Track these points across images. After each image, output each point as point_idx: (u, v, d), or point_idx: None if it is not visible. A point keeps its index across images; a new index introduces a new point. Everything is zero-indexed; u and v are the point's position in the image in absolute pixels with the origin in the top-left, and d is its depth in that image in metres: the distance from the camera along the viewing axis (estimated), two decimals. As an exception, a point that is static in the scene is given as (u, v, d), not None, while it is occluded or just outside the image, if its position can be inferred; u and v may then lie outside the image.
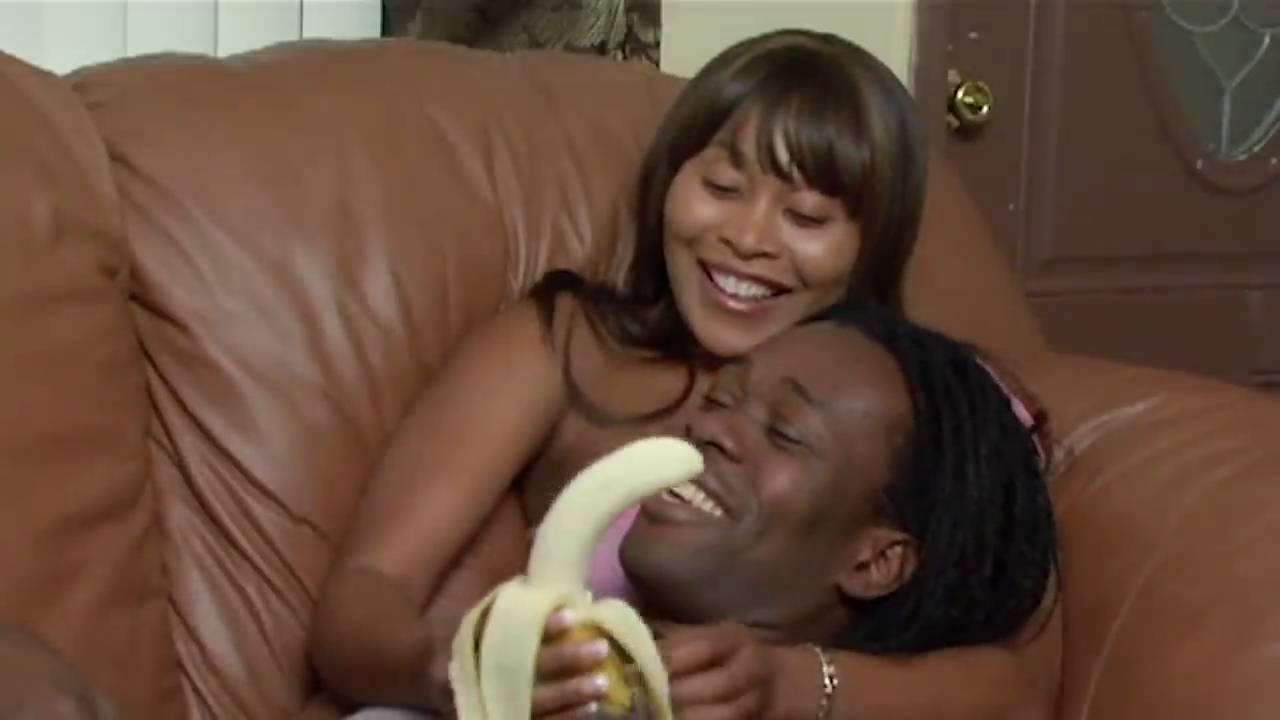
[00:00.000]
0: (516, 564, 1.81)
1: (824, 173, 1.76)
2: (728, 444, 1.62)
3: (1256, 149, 3.03)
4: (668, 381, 1.84)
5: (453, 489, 1.78)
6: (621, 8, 2.33)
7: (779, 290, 1.79)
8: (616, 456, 1.39)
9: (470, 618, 1.37)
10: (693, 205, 1.80)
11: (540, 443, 1.84)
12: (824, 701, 1.58)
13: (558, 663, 1.36)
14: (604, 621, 1.37)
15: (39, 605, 1.68)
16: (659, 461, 1.39)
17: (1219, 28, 2.98)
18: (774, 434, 1.62)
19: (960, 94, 2.75)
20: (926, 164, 1.86)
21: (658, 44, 2.36)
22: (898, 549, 1.63)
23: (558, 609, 1.36)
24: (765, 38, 1.85)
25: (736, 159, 1.78)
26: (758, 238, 1.77)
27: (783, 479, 1.61)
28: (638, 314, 1.87)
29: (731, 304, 1.79)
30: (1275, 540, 1.72)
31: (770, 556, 1.61)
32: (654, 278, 1.86)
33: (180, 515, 1.85)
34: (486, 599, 1.38)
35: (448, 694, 1.39)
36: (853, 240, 1.79)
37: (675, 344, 1.85)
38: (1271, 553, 1.71)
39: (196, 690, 1.84)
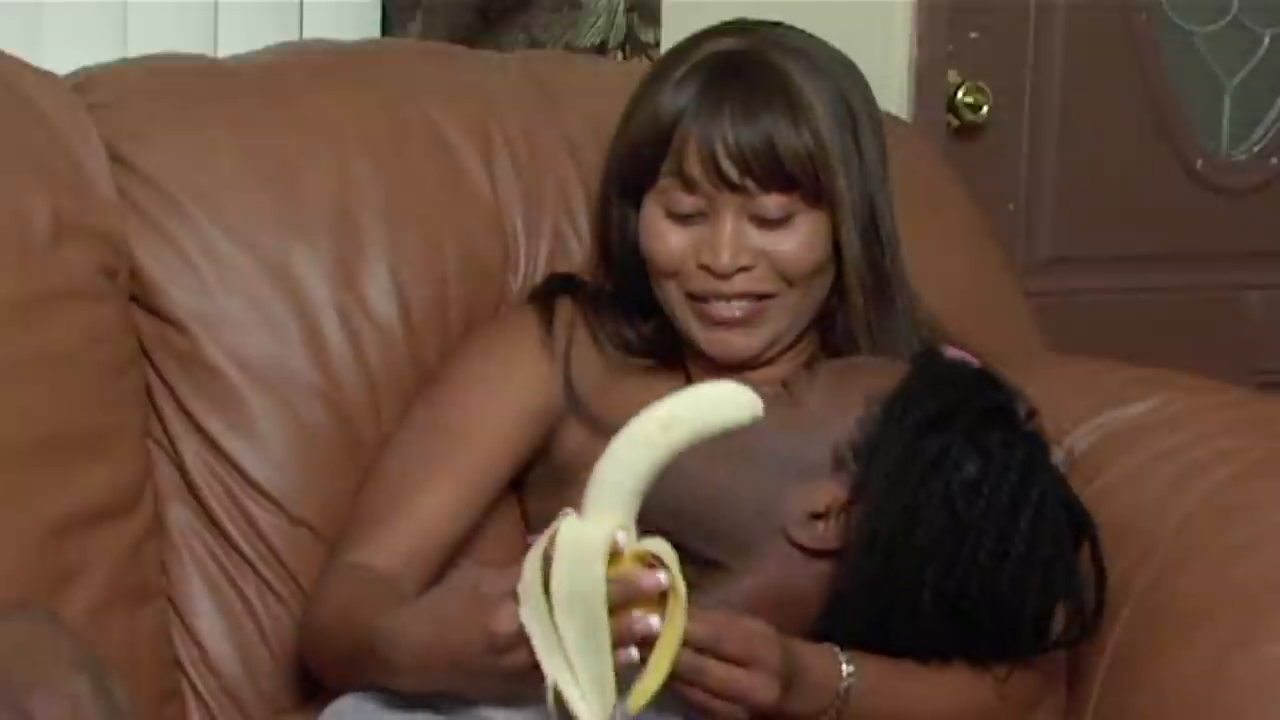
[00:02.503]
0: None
1: (773, 172, 1.74)
2: None
3: (1256, 149, 3.03)
4: (665, 390, 1.82)
5: (447, 489, 1.78)
6: (621, 8, 2.33)
7: (766, 296, 1.79)
8: (680, 397, 1.41)
9: (533, 560, 1.38)
10: (664, 239, 1.79)
11: (537, 446, 1.84)
12: (836, 702, 1.58)
13: (624, 593, 1.38)
14: (657, 551, 1.39)
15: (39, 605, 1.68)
16: (722, 403, 1.40)
17: (1219, 28, 2.98)
18: None
19: (960, 94, 2.75)
20: (879, 125, 1.83)
21: (658, 44, 2.36)
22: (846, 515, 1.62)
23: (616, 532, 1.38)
24: (688, 44, 1.83)
25: (688, 185, 1.76)
26: (732, 255, 1.76)
27: None
28: (635, 323, 1.86)
29: (725, 315, 1.79)
30: (1276, 541, 1.72)
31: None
32: (642, 301, 1.84)
33: (180, 516, 1.85)
34: (543, 541, 1.39)
35: (507, 647, 1.39)
36: (823, 226, 1.78)
37: (672, 353, 1.85)
38: (1272, 553, 1.71)
39: (196, 690, 1.84)
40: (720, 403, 1.41)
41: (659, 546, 1.41)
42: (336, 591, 1.71)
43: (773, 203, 1.76)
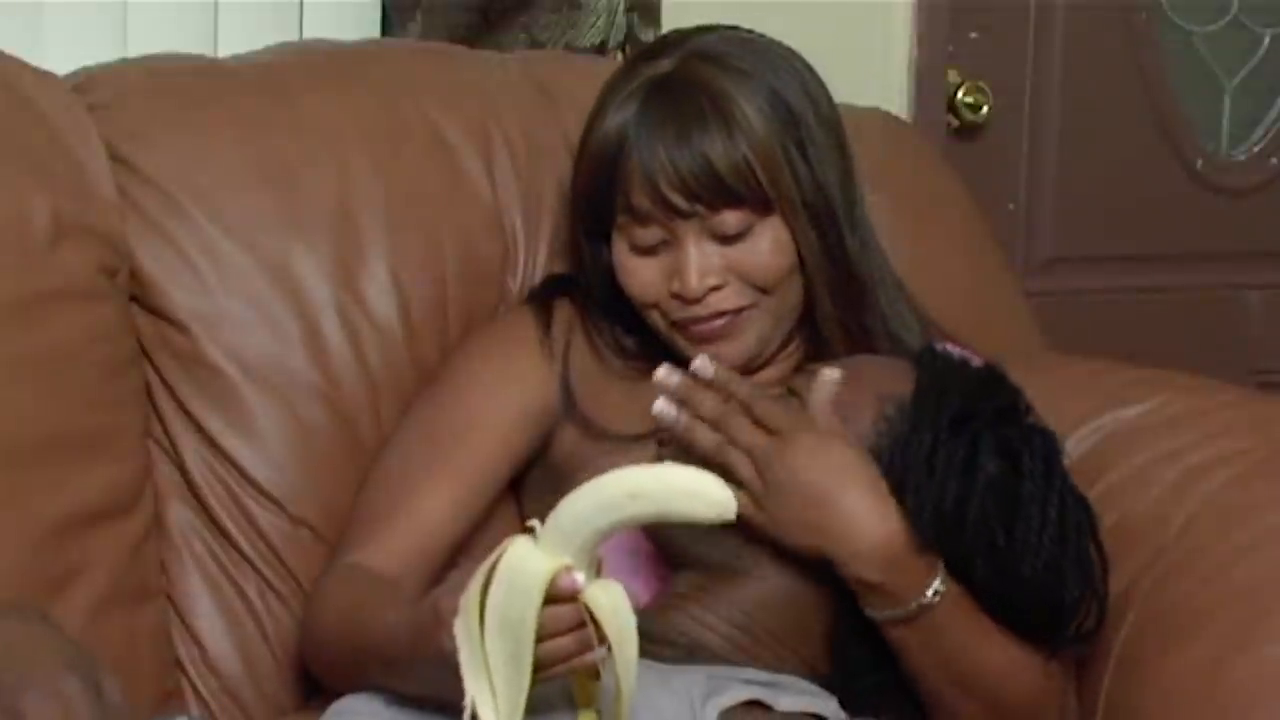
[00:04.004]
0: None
1: (718, 190, 1.73)
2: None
3: (1256, 149, 3.03)
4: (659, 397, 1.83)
5: (447, 489, 1.78)
6: (621, 8, 2.33)
7: (743, 309, 1.79)
8: (658, 472, 1.39)
9: (479, 575, 1.38)
10: (637, 275, 1.79)
11: (536, 447, 1.84)
12: (915, 607, 1.60)
13: (555, 624, 1.37)
14: (592, 604, 1.38)
15: (39, 605, 1.67)
16: (693, 497, 1.38)
17: (1219, 28, 2.98)
18: None
19: (960, 94, 2.75)
20: (831, 119, 1.81)
21: (658, 44, 2.35)
22: None
23: (564, 570, 1.37)
24: (627, 69, 1.83)
25: (643, 219, 1.76)
26: (699, 278, 1.75)
27: None
28: (630, 329, 1.86)
29: (708, 332, 1.78)
30: (1277, 542, 1.72)
31: None
32: (634, 312, 1.84)
33: (180, 516, 1.85)
34: (494, 554, 1.38)
35: (454, 663, 1.39)
36: (782, 231, 1.76)
37: (667, 359, 1.84)
38: (1273, 554, 1.70)
39: (196, 690, 1.84)
40: (693, 496, 1.38)
41: (613, 594, 1.40)
42: (337, 594, 1.71)
43: (730, 219, 1.75)
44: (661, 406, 1.62)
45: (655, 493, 1.38)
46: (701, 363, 1.64)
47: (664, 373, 1.65)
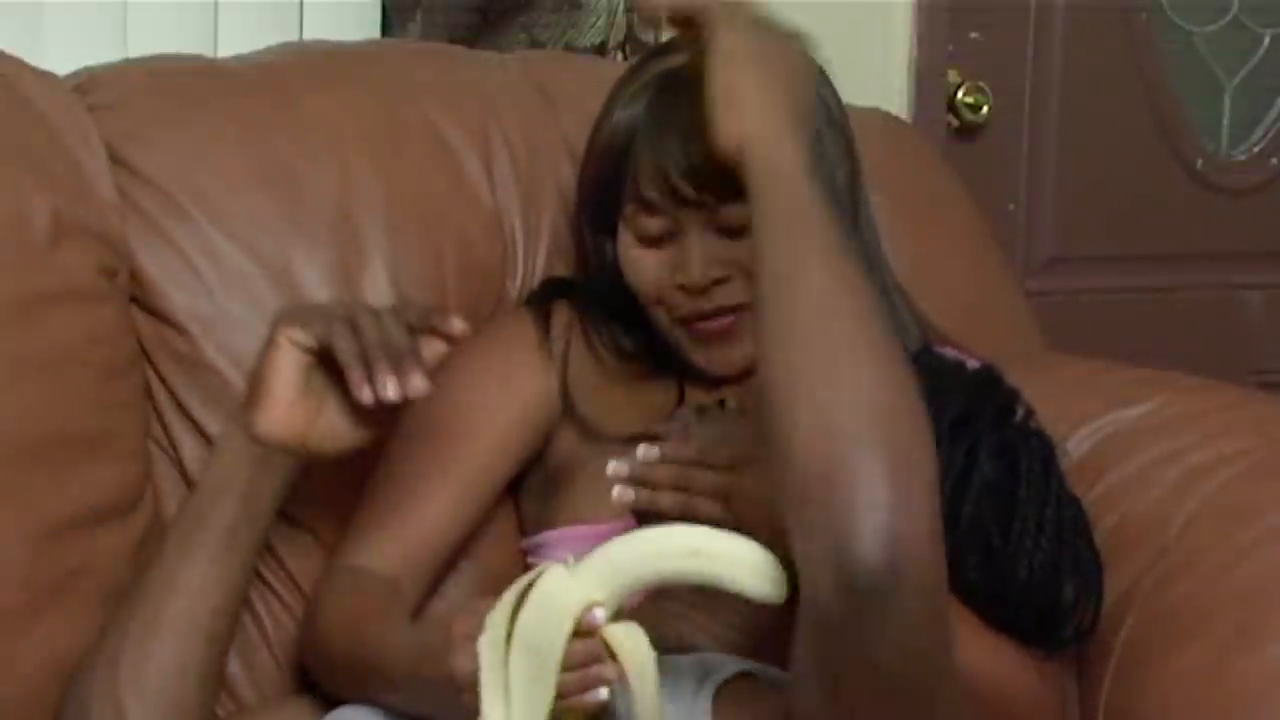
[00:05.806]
0: (511, 569, 1.82)
1: (727, 183, 1.72)
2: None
3: (1256, 149, 3.03)
4: (659, 397, 1.83)
5: (446, 492, 1.78)
6: (621, 8, 2.33)
7: (746, 306, 1.78)
8: (720, 538, 1.39)
9: (510, 593, 1.39)
10: (641, 267, 1.79)
11: (534, 449, 1.84)
12: None
13: (584, 656, 1.38)
14: (612, 642, 1.39)
15: (40, 607, 1.67)
16: (749, 570, 1.38)
17: (1219, 28, 2.98)
18: None
19: (960, 94, 2.75)
20: (841, 121, 1.82)
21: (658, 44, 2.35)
22: None
23: (593, 605, 1.38)
24: (640, 64, 1.83)
25: (650, 208, 1.76)
26: (703, 269, 1.75)
27: None
28: (629, 330, 1.86)
29: (713, 329, 1.78)
30: (1277, 542, 1.72)
31: None
32: (635, 311, 1.83)
33: (180, 517, 1.85)
34: (530, 576, 1.39)
35: (467, 686, 1.39)
36: None
37: (666, 360, 1.84)
38: (1274, 554, 1.71)
39: (197, 691, 1.83)
40: (752, 572, 1.37)
41: (634, 635, 1.40)
42: (338, 605, 1.70)
43: (735, 211, 1.74)
44: (620, 492, 1.59)
45: (714, 554, 1.38)
46: (644, 451, 1.60)
47: (613, 467, 1.61)
